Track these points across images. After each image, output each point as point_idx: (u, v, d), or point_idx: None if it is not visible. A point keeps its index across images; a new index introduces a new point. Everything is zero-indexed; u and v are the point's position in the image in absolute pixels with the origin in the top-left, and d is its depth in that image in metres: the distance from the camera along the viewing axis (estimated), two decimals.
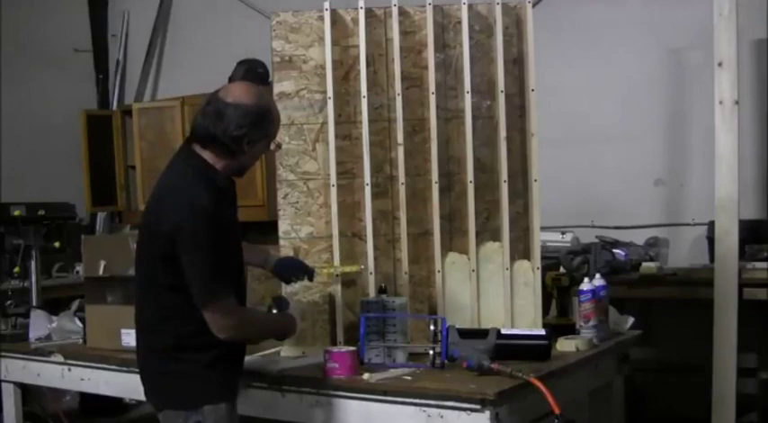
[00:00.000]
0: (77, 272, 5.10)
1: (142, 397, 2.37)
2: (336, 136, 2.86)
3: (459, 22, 2.88)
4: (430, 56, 2.86)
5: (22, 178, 5.76)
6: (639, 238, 4.57)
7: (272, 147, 2.40)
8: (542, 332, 2.64)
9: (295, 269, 2.70)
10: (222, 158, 2.29)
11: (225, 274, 2.23)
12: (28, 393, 3.76)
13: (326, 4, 2.87)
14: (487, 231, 2.89)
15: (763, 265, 3.83)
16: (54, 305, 3.80)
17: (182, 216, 2.19)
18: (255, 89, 2.35)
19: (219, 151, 2.28)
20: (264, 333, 2.49)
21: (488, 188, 2.89)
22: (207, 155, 2.30)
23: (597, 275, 2.94)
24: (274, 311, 2.54)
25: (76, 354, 3.16)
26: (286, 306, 2.55)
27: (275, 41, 2.90)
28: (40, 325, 3.39)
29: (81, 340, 3.25)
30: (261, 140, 2.32)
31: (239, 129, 2.24)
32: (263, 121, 2.29)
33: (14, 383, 3.41)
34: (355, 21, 2.89)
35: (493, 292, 2.85)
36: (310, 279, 2.72)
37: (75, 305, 3.61)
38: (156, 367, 2.34)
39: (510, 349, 2.53)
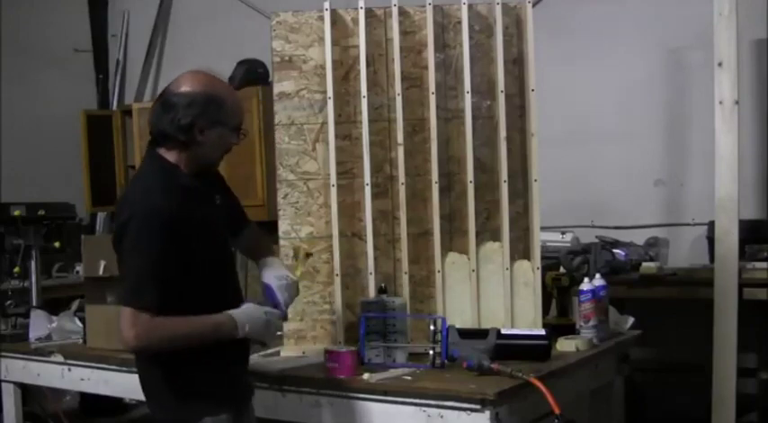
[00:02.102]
0: (77, 272, 5.10)
1: (142, 397, 2.36)
2: (336, 136, 2.87)
3: (459, 22, 2.88)
4: (430, 56, 2.86)
5: (22, 178, 5.77)
6: (639, 238, 4.57)
7: (240, 136, 2.29)
8: (542, 332, 2.64)
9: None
10: (181, 153, 2.21)
11: (155, 282, 2.08)
12: (28, 393, 3.76)
13: (326, 4, 2.87)
14: (487, 231, 2.89)
15: (763, 265, 3.83)
16: (54, 305, 3.80)
17: (130, 214, 2.12)
18: (206, 77, 2.25)
19: (175, 146, 2.20)
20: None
21: (488, 188, 2.89)
22: (168, 154, 2.22)
23: (597, 275, 2.94)
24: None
25: (76, 354, 3.16)
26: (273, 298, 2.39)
27: (275, 41, 2.90)
28: (40, 325, 3.39)
29: (81, 340, 3.25)
30: (213, 128, 2.20)
31: (186, 117, 2.15)
32: (210, 107, 2.18)
33: (14, 383, 3.41)
34: (355, 21, 2.89)
35: (493, 292, 2.85)
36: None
37: (75, 305, 3.61)
38: (154, 380, 2.26)
39: (510, 349, 2.53)
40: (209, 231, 2.23)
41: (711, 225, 3.75)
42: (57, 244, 4.33)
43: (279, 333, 2.40)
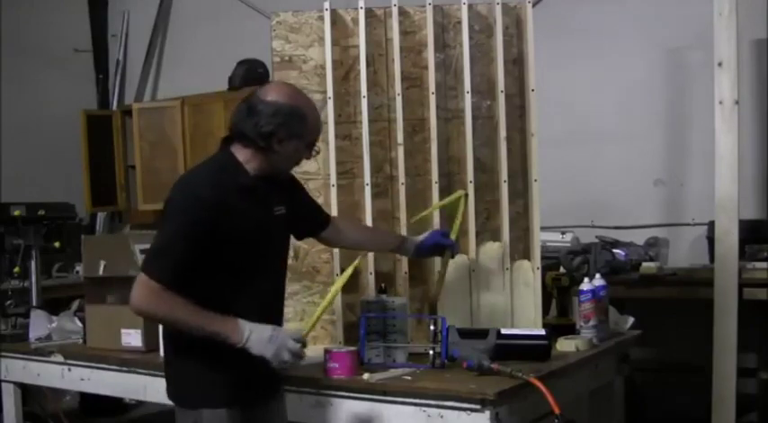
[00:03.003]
0: (77, 272, 5.11)
1: (142, 397, 2.36)
2: (336, 136, 2.87)
3: (459, 22, 2.88)
4: (430, 56, 2.86)
5: (22, 178, 5.77)
6: (639, 238, 4.57)
7: (312, 153, 2.37)
8: (542, 332, 2.64)
9: (436, 247, 2.69)
10: (253, 157, 2.27)
11: (174, 261, 2.14)
12: (28, 393, 3.76)
13: (326, 4, 2.87)
14: (487, 231, 2.89)
15: (763, 265, 3.83)
16: (54, 305, 3.80)
17: (174, 194, 2.22)
18: (293, 90, 2.33)
19: (250, 148, 2.26)
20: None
21: (488, 188, 2.89)
22: (240, 153, 2.28)
23: (597, 275, 2.94)
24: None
25: (76, 354, 3.16)
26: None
27: (275, 41, 2.90)
28: (40, 325, 3.39)
29: (81, 340, 3.25)
30: (290, 140, 2.26)
31: (268, 125, 2.22)
32: (293, 121, 2.24)
33: (14, 383, 3.41)
34: (355, 21, 2.89)
35: (493, 292, 2.85)
36: (452, 256, 2.71)
37: (75, 305, 3.61)
38: (168, 358, 2.35)
39: (510, 349, 2.52)
40: (254, 232, 2.24)
41: (711, 225, 3.75)
42: (57, 244, 4.33)
43: (287, 359, 2.21)
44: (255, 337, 2.17)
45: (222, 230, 2.17)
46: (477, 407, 2.23)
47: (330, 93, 2.86)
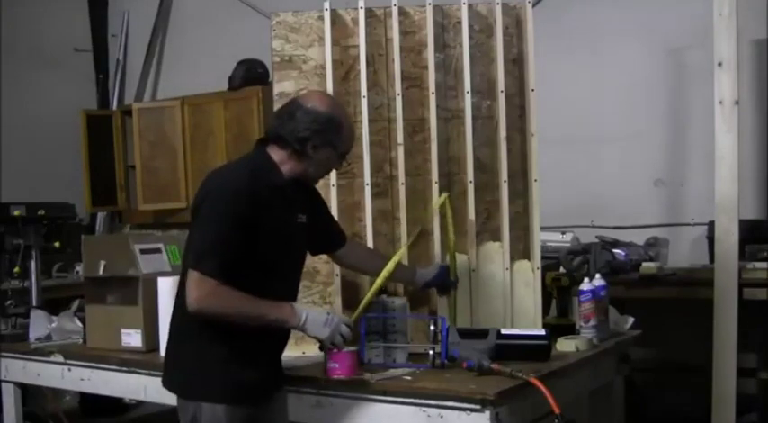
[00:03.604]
0: (77, 272, 5.11)
1: (142, 397, 2.37)
2: None
3: (459, 22, 2.88)
4: (430, 56, 2.86)
5: (22, 178, 5.77)
6: (639, 238, 4.57)
7: (343, 164, 2.47)
8: (542, 332, 2.64)
9: (441, 284, 2.78)
10: (288, 159, 2.34)
11: (224, 255, 2.19)
12: (28, 393, 3.76)
13: (326, 4, 2.87)
14: (487, 231, 2.89)
15: (763, 265, 3.83)
16: (54, 305, 3.79)
17: (212, 187, 2.26)
18: (332, 101, 2.43)
19: (285, 151, 2.34)
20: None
21: (488, 188, 2.89)
22: (275, 154, 2.35)
23: (597, 275, 2.94)
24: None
25: (76, 354, 3.16)
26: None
27: (275, 41, 2.90)
28: (40, 325, 3.39)
29: (81, 340, 3.25)
30: (324, 147, 2.35)
31: (305, 131, 2.31)
32: (329, 128, 2.34)
33: (14, 383, 3.41)
34: (355, 21, 2.89)
35: (493, 292, 2.85)
36: (454, 288, 2.79)
37: (75, 305, 3.61)
38: (169, 349, 2.40)
39: (510, 349, 2.52)
40: (278, 232, 2.31)
41: (711, 225, 3.75)
42: (57, 244, 4.32)
43: (338, 342, 2.39)
44: (312, 319, 2.31)
45: (258, 223, 2.23)
46: (477, 407, 2.23)
47: (330, 93, 2.86)
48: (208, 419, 2.25)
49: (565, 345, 2.74)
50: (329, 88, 2.85)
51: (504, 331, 2.61)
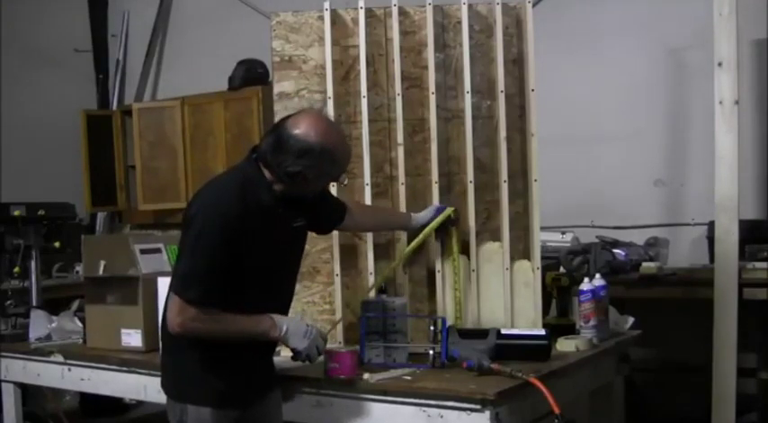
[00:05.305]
0: (77, 272, 5.11)
1: (142, 397, 2.38)
2: None
3: (459, 22, 2.88)
4: (430, 56, 2.86)
5: (22, 178, 5.77)
6: (639, 238, 4.57)
7: (339, 183, 2.42)
8: (542, 332, 2.64)
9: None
10: (279, 181, 2.25)
11: (209, 284, 2.17)
12: (28, 393, 3.76)
13: (326, 4, 2.87)
14: (487, 231, 2.89)
15: (763, 265, 3.83)
16: (54, 305, 3.80)
17: (199, 208, 2.21)
18: (325, 124, 2.26)
19: (276, 176, 2.24)
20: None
21: (488, 188, 2.89)
22: (268, 172, 2.26)
23: (597, 275, 2.94)
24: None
25: (76, 354, 3.16)
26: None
27: (275, 41, 2.90)
28: (40, 325, 3.39)
29: (81, 340, 3.25)
30: (318, 179, 2.27)
31: (295, 165, 2.19)
32: (323, 162, 2.21)
33: (14, 383, 3.41)
34: (355, 21, 2.89)
35: (493, 292, 2.85)
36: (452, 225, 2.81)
37: (75, 305, 3.61)
38: (161, 351, 2.43)
39: (510, 349, 2.53)
40: (268, 249, 2.27)
41: (711, 225, 3.75)
42: (57, 244, 4.32)
43: (314, 354, 2.41)
44: (293, 331, 2.32)
45: (247, 243, 2.19)
46: (478, 407, 2.23)
47: (330, 93, 2.86)
48: (194, 421, 2.25)
49: (565, 345, 2.74)
50: (329, 88, 2.85)
51: (504, 331, 2.61)
